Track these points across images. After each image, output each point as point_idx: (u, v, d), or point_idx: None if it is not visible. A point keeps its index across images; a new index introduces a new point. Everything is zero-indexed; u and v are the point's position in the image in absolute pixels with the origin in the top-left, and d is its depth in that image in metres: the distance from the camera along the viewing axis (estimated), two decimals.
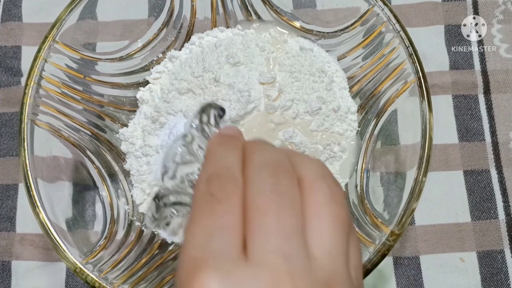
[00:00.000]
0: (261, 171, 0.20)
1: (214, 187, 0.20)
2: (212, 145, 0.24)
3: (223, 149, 0.23)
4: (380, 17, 0.36)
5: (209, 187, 0.20)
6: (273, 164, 0.21)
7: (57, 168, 0.36)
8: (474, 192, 0.43)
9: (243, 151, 0.22)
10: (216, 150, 0.23)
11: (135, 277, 0.34)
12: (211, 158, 0.23)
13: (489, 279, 0.41)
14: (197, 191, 0.21)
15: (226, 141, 0.23)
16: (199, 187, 0.21)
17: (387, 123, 0.38)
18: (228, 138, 0.24)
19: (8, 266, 0.41)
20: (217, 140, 0.24)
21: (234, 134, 0.25)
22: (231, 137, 0.24)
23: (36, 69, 0.35)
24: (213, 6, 0.42)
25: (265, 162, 0.21)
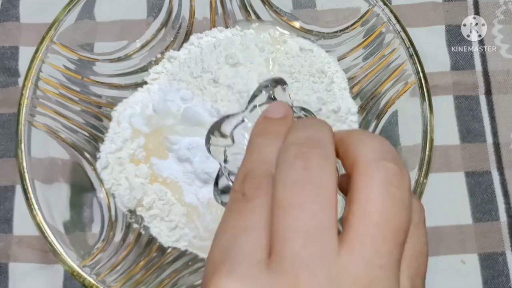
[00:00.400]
0: (287, 153, 0.18)
1: (247, 185, 0.18)
2: (253, 135, 0.22)
3: (263, 140, 0.21)
4: (381, 18, 0.36)
5: (242, 186, 0.19)
6: (304, 142, 0.18)
7: (54, 169, 0.36)
8: (475, 193, 0.43)
9: None
10: (257, 141, 0.21)
11: (133, 280, 0.34)
12: (250, 152, 0.21)
13: (490, 281, 0.41)
14: (232, 190, 0.19)
15: (269, 129, 0.21)
16: (235, 186, 0.19)
17: (388, 124, 0.38)
18: (271, 124, 0.22)
19: (5, 268, 0.41)
20: (259, 128, 0.22)
21: (281, 116, 0.22)
22: (276, 121, 0.22)
23: (34, 70, 0.34)
24: (212, 6, 0.42)
25: (294, 141, 0.18)
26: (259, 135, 0.21)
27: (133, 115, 0.40)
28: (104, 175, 0.38)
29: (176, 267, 0.36)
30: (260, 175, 0.19)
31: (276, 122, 0.22)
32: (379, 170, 0.17)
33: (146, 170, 0.38)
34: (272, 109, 0.23)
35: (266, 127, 0.21)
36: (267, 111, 0.23)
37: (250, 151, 0.21)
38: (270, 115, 0.22)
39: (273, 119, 0.22)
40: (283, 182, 0.17)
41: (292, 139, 0.19)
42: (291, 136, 0.19)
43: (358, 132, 0.20)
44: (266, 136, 0.21)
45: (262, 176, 0.19)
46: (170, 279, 0.35)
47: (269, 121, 0.22)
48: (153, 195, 0.38)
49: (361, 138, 0.19)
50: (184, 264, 0.37)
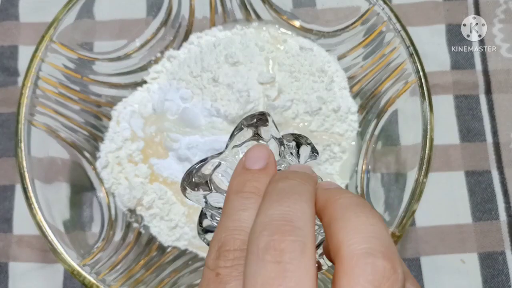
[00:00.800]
0: (257, 242, 0.16)
1: (221, 262, 0.17)
2: (230, 191, 0.19)
3: (240, 201, 0.19)
4: (381, 17, 0.36)
5: (216, 263, 0.17)
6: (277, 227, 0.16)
7: (54, 169, 0.36)
8: (475, 193, 0.43)
9: None
10: (233, 203, 0.19)
11: (133, 279, 0.34)
12: (225, 215, 0.19)
13: (490, 280, 0.41)
14: (205, 265, 0.18)
15: (247, 185, 0.19)
16: (208, 261, 0.18)
17: (388, 124, 0.37)
18: (250, 177, 0.19)
19: (5, 268, 0.41)
20: (237, 183, 0.19)
21: (261, 167, 0.20)
22: (255, 174, 0.19)
23: (33, 69, 0.34)
24: (212, 5, 0.41)
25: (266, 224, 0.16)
26: (236, 192, 0.19)
27: (133, 116, 0.40)
28: (104, 174, 0.38)
29: (176, 266, 0.36)
30: (236, 248, 0.17)
31: (255, 175, 0.19)
32: (366, 270, 0.14)
33: (145, 169, 0.38)
34: (251, 157, 0.20)
35: (244, 183, 0.19)
36: (246, 159, 0.20)
37: (226, 215, 0.19)
38: (248, 165, 0.20)
39: (252, 170, 0.20)
40: (253, 280, 0.15)
41: (265, 217, 0.16)
42: (264, 212, 0.17)
43: (344, 204, 0.17)
44: (244, 194, 0.19)
45: (238, 250, 0.17)
46: (170, 278, 0.35)
47: (248, 174, 0.20)
48: (153, 195, 0.38)
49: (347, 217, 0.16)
50: (184, 263, 0.37)
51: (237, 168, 0.21)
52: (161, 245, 0.38)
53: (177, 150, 0.38)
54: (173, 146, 0.38)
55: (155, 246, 0.37)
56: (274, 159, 0.21)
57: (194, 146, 0.37)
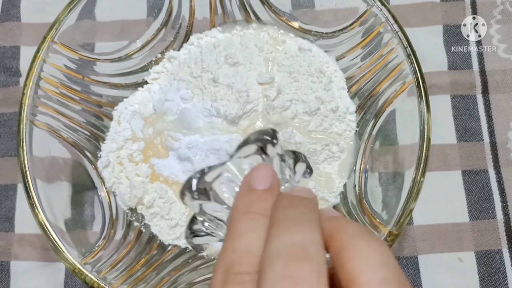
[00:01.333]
0: (273, 268, 0.15)
1: (229, 286, 0.16)
2: (235, 212, 0.19)
3: (247, 223, 0.18)
4: (379, 18, 0.36)
5: (224, 286, 0.17)
6: (292, 254, 0.16)
7: (55, 168, 0.36)
8: (473, 192, 0.43)
9: None
10: (240, 224, 0.19)
11: (133, 278, 0.34)
12: (232, 236, 0.18)
13: (487, 278, 0.41)
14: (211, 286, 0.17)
15: (253, 206, 0.19)
16: (215, 284, 0.17)
17: (386, 123, 0.38)
18: (255, 198, 0.19)
19: (7, 266, 0.41)
20: (242, 204, 0.19)
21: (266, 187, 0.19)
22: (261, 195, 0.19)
23: (35, 70, 0.35)
24: (212, 7, 0.42)
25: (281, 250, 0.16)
26: (243, 213, 0.19)
27: (134, 117, 0.40)
28: (105, 173, 0.38)
29: (176, 264, 0.37)
30: (244, 271, 0.17)
31: (262, 196, 0.19)
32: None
33: (146, 169, 0.39)
34: (257, 177, 0.20)
35: (250, 203, 0.19)
36: (252, 179, 0.20)
37: (233, 236, 0.18)
38: (254, 185, 0.20)
39: (257, 191, 0.20)
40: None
41: (279, 243, 0.16)
42: (278, 238, 0.17)
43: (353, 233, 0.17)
44: (251, 215, 0.19)
45: (246, 273, 0.17)
46: (170, 276, 0.35)
47: (254, 194, 0.20)
48: (154, 194, 0.38)
49: (358, 245, 0.16)
50: (184, 261, 0.37)
51: (242, 187, 0.20)
52: (161, 243, 0.38)
53: (178, 150, 0.38)
54: (173, 145, 0.39)
55: (156, 245, 0.38)
56: (278, 180, 0.21)
57: (194, 146, 0.38)
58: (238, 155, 0.23)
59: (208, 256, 0.38)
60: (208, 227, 0.24)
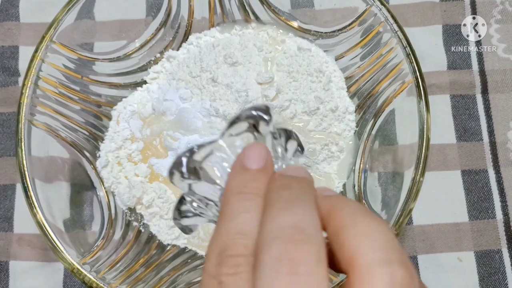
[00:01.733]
0: (270, 251, 0.15)
1: (224, 269, 0.16)
2: (229, 192, 0.19)
3: (241, 203, 0.18)
4: (378, 17, 0.36)
5: (219, 270, 0.16)
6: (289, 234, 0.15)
7: (54, 168, 0.36)
8: (472, 192, 0.43)
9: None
10: (234, 204, 0.18)
11: (132, 278, 0.34)
12: (226, 217, 0.18)
13: (486, 278, 0.41)
14: (205, 272, 0.17)
15: (247, 186, 0.18)
16: (208, 267, 0.17)
17: (385, 123, 0.38)
18: (249, 178, 0.19)
19: (5, 266, 0.41)
20: (236, 183, 0.19)
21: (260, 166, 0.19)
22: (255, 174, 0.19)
23: (33, 69, 0.35)
24: (211, 6, 0.42)
25: (277, 232, 0.16)
26: (236, 193, 0.18)
27: (133, 117, 0.40)
28: (104, 173, 0.38)
29: (175, 264, 0.37)
30: (239, 254, 0.16)
31: (255, 176, 0.19)
32: (384, 280, 0.14)
33: (145, 169, 0.39)
34: (250, 155, 0.19)
35: (243, 183, 0.19)
36: (245, 158, 0.19)
37: (227, 217, 0.18)
38: (248, 165, 0.19)
39: (251, 170, 0.19)
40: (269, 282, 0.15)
41: (275, 224, 0.16)
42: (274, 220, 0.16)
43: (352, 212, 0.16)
44: (245, 195, 0.18)
45: (241, 255, 0.16)
46: (169, 276, 0.35)
47: (247, 174, 0.19)
48: (153, 193, 0.38)
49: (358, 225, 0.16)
50: (183, 261, 0.37)
51: (235, 167, 0.20)
52: (160, 243, 0.38)
53: (177, 150, 0.38)
54: (172, 145, 0.38)
55: (155, 245, 0.38)
56: (271, 159, 0.20)
57: None
58: (229, 133, 0.22)
59: None
60: (197, 207, 0.23)
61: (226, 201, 0.19)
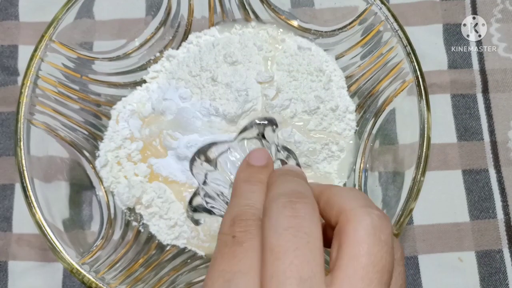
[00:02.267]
0: (276, 203, 0.19)
1: (237, 228, 0.20)
2: (238, 181, 0.23)
3: (249, 186, 0.22)
4: (378, 16, 0.36)
5: (232, 229, 0.20)
6: (290, 194, 0.20)
7: (53, 168, 0.36)
8: (473, 191, 0.43)
9: None
10: (243, 187, 0.23)
11: (132, 278, 0.34)
12: (236, 196, 0.22)
13: (487, 278, 0.41)
14: (220, 233, 0.21)
15: (253, 176, 0.23)
16: (223, 229, 0.20)
17: (385, 123, 0.38)
18: (255, 171, 0.23)
19: (4, 266, 0.41)
20: (244, 175, 0.24)
21: (263, 164, 0.24)
22: (259, 169, 0.24)
23: (33, 69, 0.34)
24: (211, 5, 0.42)
25: (281, 193, 0.20)
26: (244, 181, 0.23)
27: (132, 117, 0.40)
28: (103, 173, 0.38)
29: (175, 264, 0.37)
30: (248, 218, 0.20)
31: (259, 170, 0.24)
32: (365, 216, 0.19)
33: (145, 168, 0.39)
34: (255, 156, 0.25)
35: (250, 174, 0.23)
36: (251, 158, 0.25)
37: (237, 196, 0.22)
38: (253, 162, 0.24)
39: (256, 166, 0.24)
40: (274, 229, 0.18)
41: (279, 190, 0.20)
42: (277, 188, 0.21)
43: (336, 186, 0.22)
44: (251, 182, 0.23)
45: (250, 219, 0.20)
46: (169, 276, 0.35)
47: (252, 168, 0.24)
48: (152, 193, 0.38)
49: (342, 191, 0.21)
50: (182, 261, 0.37)
51: (242, 165, 0.25)
52: (160, 243, 0.38)
53: (176, 149, 0.38)
54: (172, 145, 0.38)
55: (154, 245, 0.38)
56: (272, 160, 0.25)
57: (193, 145, 0.38)
58: (242, 136, 0.28)
59: (206, 256, 0.38)
60: (208, 201, 0.27)
61: (236, 187, 0.23)
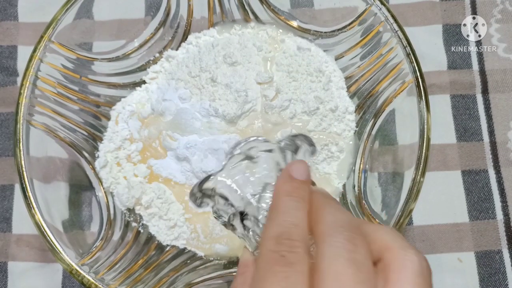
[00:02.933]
0: (337, 234, 0.20)
1: (284, 248, 0.20)
2: (280, 194, 0.23)
3: (292, 202, 0.22)
4: (378, 17, 0.36)
5: (279, 247, 0.20)
6: (349, 228, 0.20)
7: (53, 168, 0.36)
8: (472, 192, 0.43)
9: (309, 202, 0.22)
10: (285, 202, 0.22)
11: (131, 279, 0.34)
12: (279, 211, 0.22)
13: (487, 279, 0.41)
14: (265, 248, 0.21)
15: (296, 191, 0.23)
16: (268, 245, 0.20)
17: (385, 123, 0.38)
18: (297, 186, 0.23)
19: (4, 267, 0.41)
20: (286, 188, 0.23)
21: (304, 178, 0.24)
22: (301, 184, 0.23)
23: (32, 69, 0.34)
24: (210, 6, 0.42)
25: (339, 224, 0.20)
26: (287, 195, 0.23)
27: (131, 118, 0.40)
28: (103, 174, 0.38)
29: (174, 265, 0.37)
30: (295, 239, 0.20)
31: (301, 185, 0.23)
32: (414, 257, 0.20)
33: (144, 169, 0.39)
34: (297, 169, 0.24)
35: (293, 189, 0.23)
36: (293, 170, 0.24)
37: (280, 211, 0.22)
38: (295, 176, 0.24)
39: (298, 181, 0.23)
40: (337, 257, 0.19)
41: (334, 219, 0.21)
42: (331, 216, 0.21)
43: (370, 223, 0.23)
44: (296, 198, 0.22)
45: (297, 240, 0.20)
46: (169, 277, 0.35)
47: (295, 182, 0.23)
48: (152, 194, 0.38)
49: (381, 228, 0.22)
50: (182, 262, 0.37)
51: (284, 176, 0.24)
52: (159, 244, 0.38)
53: (176, 150, 0.38)
54: (171, 145, 0.38)
55: (154, 245, 0.38)
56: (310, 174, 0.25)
57: (192, 146, 0.38)
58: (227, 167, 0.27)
59: (206, 257, 0.38)
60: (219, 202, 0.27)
61: (279, 199, 0.23)
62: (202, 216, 0.38)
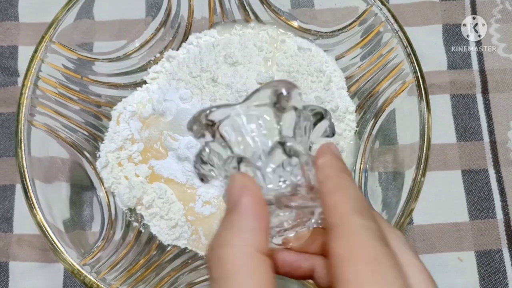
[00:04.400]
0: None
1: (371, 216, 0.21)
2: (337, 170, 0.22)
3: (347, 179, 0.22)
4: (378, 17, 0.36)
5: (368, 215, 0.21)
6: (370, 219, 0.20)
7: (54, 168, 0.36)
8: (472, 191, 0.43)
9: None
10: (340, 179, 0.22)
11: (133, 278, 0.34)
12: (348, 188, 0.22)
13: (487, 278, 0.41)
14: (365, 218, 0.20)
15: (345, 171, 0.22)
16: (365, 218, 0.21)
17: (386, 123, 0.38)
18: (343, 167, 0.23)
19: (5, 267, 0.41)
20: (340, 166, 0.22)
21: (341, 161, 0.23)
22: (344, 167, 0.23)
23: (33, 70, 0.34)
24: (211, 6, 0.42)
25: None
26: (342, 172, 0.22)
27: (132, 118, 0.40)
28: (104, 174, 0.38)
29: (175, 265, 0.37)
30: None
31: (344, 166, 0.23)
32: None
33: (146, 169, 0.39)
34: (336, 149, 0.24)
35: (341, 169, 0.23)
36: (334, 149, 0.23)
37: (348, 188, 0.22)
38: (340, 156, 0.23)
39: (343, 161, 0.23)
40: None
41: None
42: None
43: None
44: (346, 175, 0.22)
45: None
46: (170, 277, 0.35)
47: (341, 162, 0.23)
48: (153, 194, 0.38)
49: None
50: (183, 262, 0.37)
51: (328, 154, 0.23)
52: (160, 244, 0.38)
53: (177, 150, 0.38)
54: (172, 145, 0.38)
55: (155, 245, 0.38)
56: None
57: (193, 146, 0.38)
58: (248, 102, 0.23)
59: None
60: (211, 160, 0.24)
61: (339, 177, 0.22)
62: (204, 220, 0.38)
